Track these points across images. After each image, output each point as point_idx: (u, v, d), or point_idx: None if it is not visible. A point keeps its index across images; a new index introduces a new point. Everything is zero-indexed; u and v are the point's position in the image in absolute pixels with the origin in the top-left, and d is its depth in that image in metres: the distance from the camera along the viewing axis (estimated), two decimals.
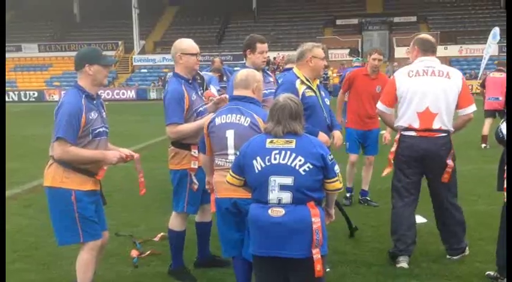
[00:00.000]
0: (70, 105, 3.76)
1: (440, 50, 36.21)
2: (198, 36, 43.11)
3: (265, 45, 5.05)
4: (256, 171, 3.20)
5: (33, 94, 38.15)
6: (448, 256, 4.93)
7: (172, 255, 4.71)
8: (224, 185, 3.61)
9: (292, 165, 3.14)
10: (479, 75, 31.97)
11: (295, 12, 44.26)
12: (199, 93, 4.63)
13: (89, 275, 3.95)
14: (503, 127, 4.30)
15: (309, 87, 4.62)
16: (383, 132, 6.82)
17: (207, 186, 4.20)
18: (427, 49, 4.85)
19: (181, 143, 4.46)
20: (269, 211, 3.15)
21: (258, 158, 3.20)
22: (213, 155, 3.95)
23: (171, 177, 4.60)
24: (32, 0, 46.54)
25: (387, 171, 4.99)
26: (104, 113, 4.05)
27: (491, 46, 29.96)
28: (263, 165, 3.18)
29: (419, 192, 4.92)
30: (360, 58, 17.16)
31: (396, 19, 41.25)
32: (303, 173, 3.13)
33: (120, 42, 42.37)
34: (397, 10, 42.36)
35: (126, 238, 5.78)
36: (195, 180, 4.44)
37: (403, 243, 4.78)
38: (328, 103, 4.78)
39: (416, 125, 4.70)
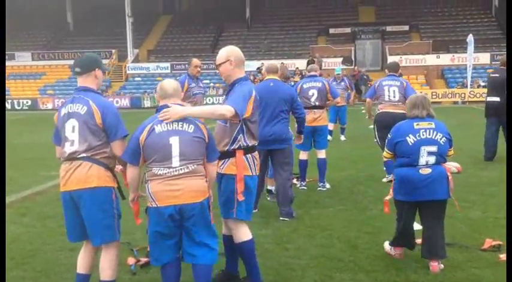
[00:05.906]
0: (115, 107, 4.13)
1: (433, 59, 36.58)
2: (192, 45, 43.22)
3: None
4: (410, 144, 4.76)
5: (27, 102, 38.00)
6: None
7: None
8: (167, 192, 3.79)
9: (435, 138, 4.75)
10: (469, 83, 32.20)
11: (288, 21, 44.36)
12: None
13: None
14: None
15: None
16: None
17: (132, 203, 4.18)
18: None
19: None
20: (420, 171, 4.73)
21: (411, 135, 4.75)
22: (145, 165, 3.94)
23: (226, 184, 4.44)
24: (25, 9, 46.48)
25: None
26: None
27: (471, 54, 30.82)
28: (415, 139, 4.74)
29: None
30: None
31: (389, 28, 41.28)
32: (442, 143, 4.76)
33: (113, 51, 42.33)
34: (389, 19, 42.48)
35: (123, 245, 5.76)
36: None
37: None
38: None
39: None
